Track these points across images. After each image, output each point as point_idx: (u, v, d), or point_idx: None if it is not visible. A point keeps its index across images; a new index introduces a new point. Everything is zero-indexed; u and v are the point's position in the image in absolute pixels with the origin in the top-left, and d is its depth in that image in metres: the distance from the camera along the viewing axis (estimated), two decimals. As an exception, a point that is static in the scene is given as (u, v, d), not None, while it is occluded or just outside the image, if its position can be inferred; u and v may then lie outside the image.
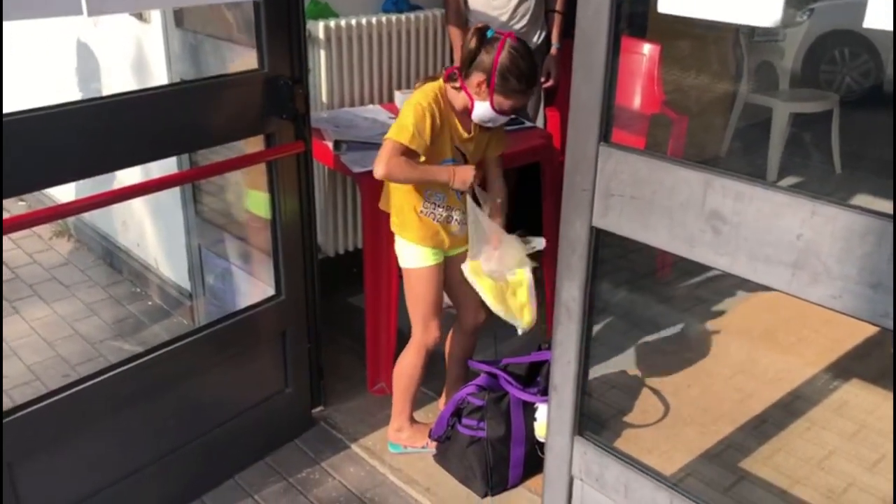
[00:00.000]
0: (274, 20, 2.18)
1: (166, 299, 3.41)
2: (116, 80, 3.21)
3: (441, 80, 2.24)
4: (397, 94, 3.23)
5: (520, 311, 2.31)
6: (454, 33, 3.33)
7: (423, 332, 2.39)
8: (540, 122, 3.57)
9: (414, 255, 2.33)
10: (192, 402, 2.31)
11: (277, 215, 2.36)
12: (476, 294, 2.33)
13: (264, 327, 2.44)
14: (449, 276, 2.41)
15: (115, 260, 3.72)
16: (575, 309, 1.73)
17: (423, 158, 2.19)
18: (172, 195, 3.00)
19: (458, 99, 2.23)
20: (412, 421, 2.55)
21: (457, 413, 2.42)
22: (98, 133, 1.93)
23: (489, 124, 2.28)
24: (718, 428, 2.64)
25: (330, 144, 2.75)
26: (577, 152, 1.64)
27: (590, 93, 1.57)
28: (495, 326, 2.47)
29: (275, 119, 2.26)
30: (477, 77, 2.16)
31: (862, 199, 4.11)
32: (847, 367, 2.94)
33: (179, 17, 2.82)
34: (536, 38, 3.43)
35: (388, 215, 2.38)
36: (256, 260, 2.83)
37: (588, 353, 1.78)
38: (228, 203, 3.05)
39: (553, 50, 3.49)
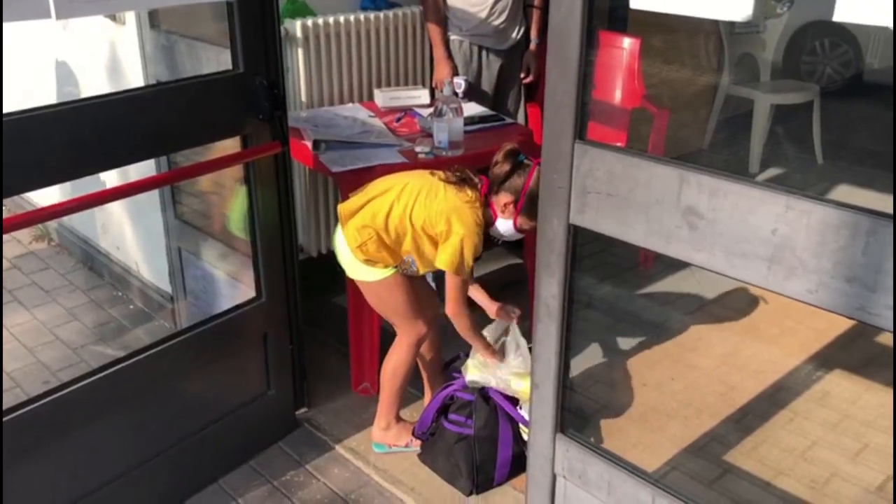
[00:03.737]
0: (248, 20, 2.16)
1: (147, 302, 3.38)
2: (91, 83, 3.18)
3: (479, 195, 2.23)
4: (377, 93, 3.21)
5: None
6: (433, 30, 3.31)
7: (409, 331, 2.39)
8: (521, 119, 3.56)
9: (372, 271, 2.31)
10: (174, 405, 2.29)
11: (256, 217, 2.35)
12: (429, 288, 2.50)
13: (245, 330, 2.43)
14: None
15: (95, 264, 3.69)
16: (554, 306, 1.73)
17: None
18: (151, 198, 2.98)
19: (485, 215, 2.26)
20: (398, 419, 2.54)
21: (443, 409, 2.42)
22: (73, 137, 1.91)
23: (503, 238, 2.34)
24: (702, 421, 2.65)
25: (309, 144, 2.73)
26: (552, 150, 1.64)
27: (564, 90, 1.57)
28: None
29: (251, 120, 2.24)
30: (505, 197, 2.21)
31: (844, 189, 4.13)
32: (829, 358, 2.95)
33: (154, 19, 2.80)
34: (515, 34, 3.43)
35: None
36: (237, 261, 2.81)
37: (568, 350, 1.78)
38: (208, 205, 3.03)
39: (532, 45, 3.49)
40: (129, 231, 3.39)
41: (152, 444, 2.25)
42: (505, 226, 2.25)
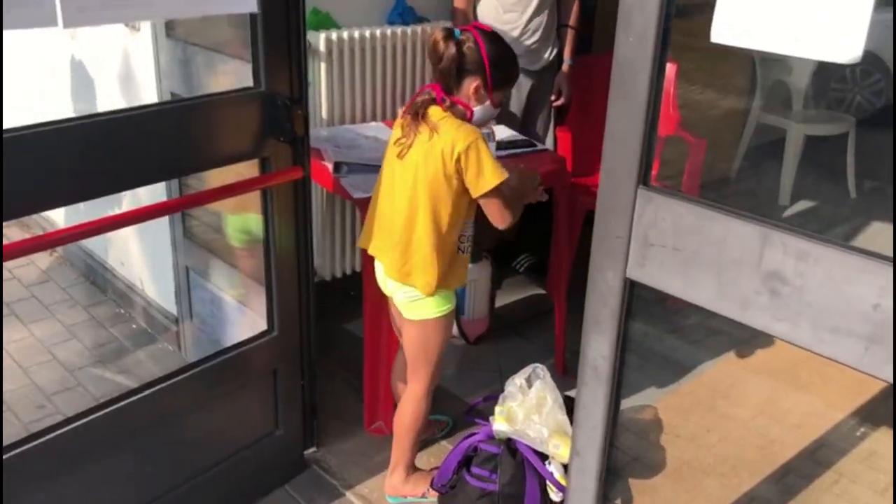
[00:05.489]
0: (272, 35, 2.00)
1: (151, 323, 3.21)
2: (103, 93, 3.02)
3: (440, 110, 2.04)
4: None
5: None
6: (462, 48, 3.15)
7: (429, 378, 2.22)
8: (549, 142, 3.40)
9: (443, 299, 2.13)
10: (177, 445, 2.12)
11: (271, 246, 2.17)
12: None
13: (255, 365, 2.26)
14: None
15: (98, 278, 3.52)
16: (604, 368, 1.55)
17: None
18: (159, 214, 2.81)
19: (459, 115, 2.06)
20: (413, 468, 2.37)
21: (465, 461, 2.24)
22: (81, 156, 1.75)
23: (483, 126, 2.15)
24: (741, 479, 2.47)
25: (329, 166, 2.57)
26: (611, 195, 1.46)
27: (629, 130, 1.40)
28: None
29: (271, 142, 2.07)
30: (472, 82, 2.02)
31: (877, 226, 3.96)
32: (873, 411, 2.76)
33: (171, 27, 2.64)
34: (548, 55, 3.27)
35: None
36: (247, 286, 2.64)
37: (616, 418, 1.60)
38: (219, 222, 2.86)
39: (565, 67, 3.33)
40: (135, 246, 3.22)
41: (153, 485, 2.09)
42: (484, 111, 2.07)
